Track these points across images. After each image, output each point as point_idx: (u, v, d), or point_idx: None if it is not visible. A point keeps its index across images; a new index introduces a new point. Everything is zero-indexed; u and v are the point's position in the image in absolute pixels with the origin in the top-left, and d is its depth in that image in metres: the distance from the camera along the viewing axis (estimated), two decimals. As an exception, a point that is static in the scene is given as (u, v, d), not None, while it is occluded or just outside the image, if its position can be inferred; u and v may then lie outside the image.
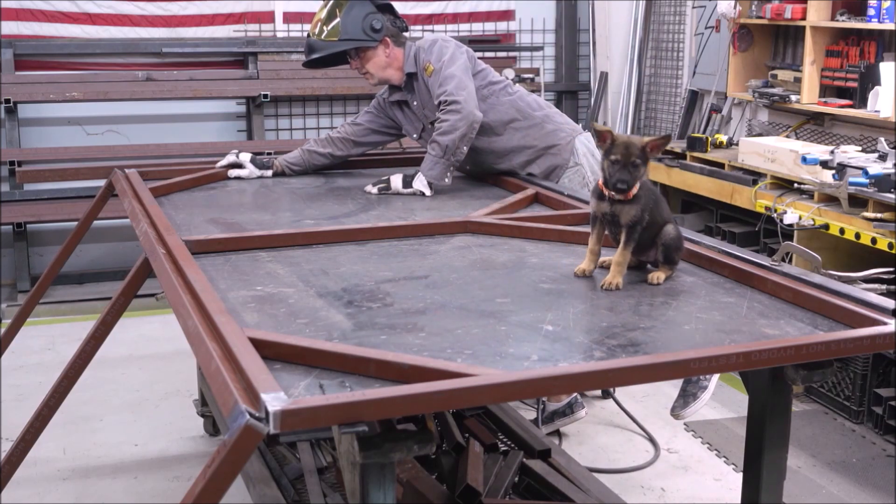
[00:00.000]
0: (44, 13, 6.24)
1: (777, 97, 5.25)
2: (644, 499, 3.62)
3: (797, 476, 3.73)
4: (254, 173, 3.83)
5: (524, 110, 3.78)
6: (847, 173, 4.19)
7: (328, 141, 3.92)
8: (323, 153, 3.90)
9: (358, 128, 3.91)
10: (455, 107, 3.51)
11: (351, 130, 3.91)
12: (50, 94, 6.00)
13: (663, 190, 5.82)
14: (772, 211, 4.57)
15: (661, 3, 6.72)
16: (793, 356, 1.92)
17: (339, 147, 3.91)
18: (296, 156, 3.90)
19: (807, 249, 2.47)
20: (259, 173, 3.83)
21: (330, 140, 3.92)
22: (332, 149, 3.91)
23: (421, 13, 6.93)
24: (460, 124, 3.49)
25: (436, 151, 3.52)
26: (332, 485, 3.14)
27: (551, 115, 3.83)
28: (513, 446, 3.39)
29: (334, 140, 3.91)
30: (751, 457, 2.33)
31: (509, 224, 2.94)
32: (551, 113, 3.85)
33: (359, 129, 3.91)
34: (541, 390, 1.88)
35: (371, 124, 3.91)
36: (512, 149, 3.74)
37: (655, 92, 6.87)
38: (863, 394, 4.17)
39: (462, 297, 2.31)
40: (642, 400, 4.42)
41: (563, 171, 3.76)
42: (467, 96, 3.54)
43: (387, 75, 3.74)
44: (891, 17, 4.54)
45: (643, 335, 2.06)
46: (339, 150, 3.91)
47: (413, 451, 1.72)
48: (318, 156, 3.90)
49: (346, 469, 1.98)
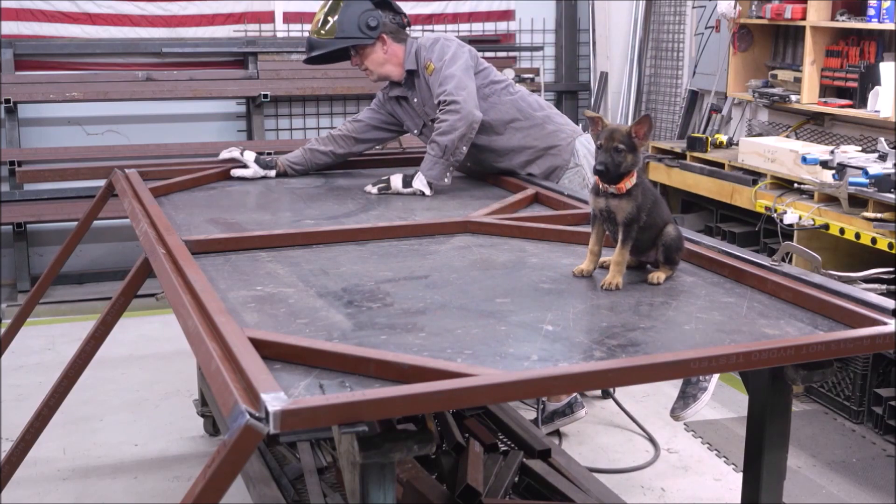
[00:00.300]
0: (44, 13, 6.24)
1: (777, 97, 5.26)
2: (644, 499, 3.62)
3: (797, 476, 3.73)
4: (258, 173, 3.83)
5: (525, 110, 3.78)
6: (847, 173, 4.19)
7: (329, 139, 3.92)
8: (325, 151, 3.90)
9: (359, 124, 3.91)
10: (454, 107, 3.51)
11: (352, 127, 3.91)
12: (50, 94, 6.00)
13: (663, 190, 5.82)
14: (772, 211, 4.57)
15: (661, 3, 6.72)
16: (793, 356, 1.93)
17: (340, 145, 3.91)
18: (298, 155, 3.90)
19: (807, 249, 2.47)
20: (263, 173, 3.83)
21: (331, 138, 3.92)
22: (334, 146, 3.91)
23: (421, 13, 6.93)
24: (459, 124, 3.49)
25: (435, 151, 3.52)
26: (332, 485, 3.14)
27: (552, 116, 3.84)
28: (513, 446, 3.39)
29: (335, 138, 3.91)
30: (751, 457, 2.33)
31: (509, 224, 2.94)
32: (552, 114, 3.85)
33: (360, 125, 3.91)
34: (541, 390, 1.88)
35: (372, 120, 3.91)
36: (512, 148, 3.74)
37: (655, 92, 6.87)
38: (863, 394, 4.17)
39: (462, 297, 2.31)
40: (642, 400, 4.42)
41: (563, 171, 3.77)
42: (467, 96, 3.54)
43: (385, 71, 3.74)
44: (891, 17, 4.54)
45: (643, 335, 2.06)
46: (341, 148, 3.91)
47: (413, 451, 1.72)
48: (320, 154, 3.90)
49: (346, 469, 1.98)
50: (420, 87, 3.72)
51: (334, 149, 3.91)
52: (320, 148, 3.90)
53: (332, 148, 3.90)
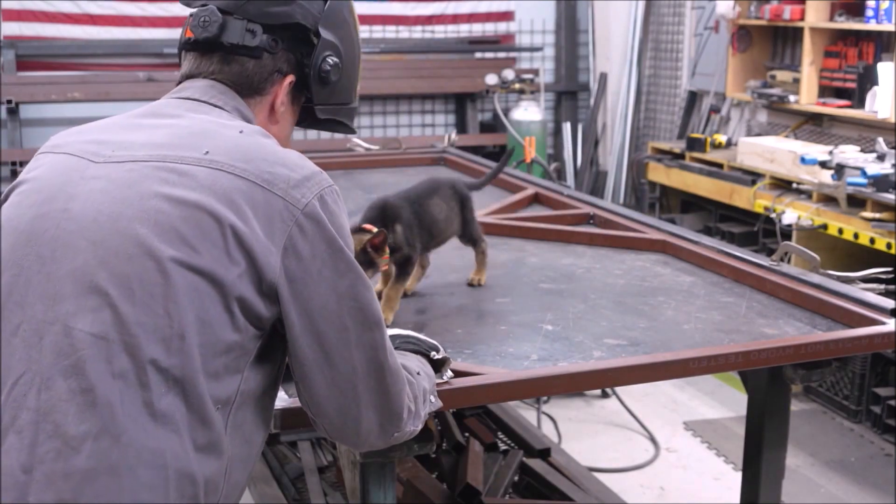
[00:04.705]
0: (45, 14, 6.25)
1: (776, 98, 5.27)
2: (643, 498, 3.63)
3: (796, 475, 3.74)
4: None
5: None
6: (845, 173, 4.20)
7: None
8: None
9: None
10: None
11: None
12: (51, 94, 6.01)
13: (663, 190, 5.83)
14: (770, 211, 4.58)
15: (661, 3, 6.73)
16: (791, 356, 1.94)
17: None
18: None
19: (805, 249, 2.48)
20: None
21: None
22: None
23: (421, 14, 6.94)
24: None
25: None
26: (332, 484, 3.14)
27: None
28: (513, 445, 3.40)
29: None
30: (750, 456, 2.34)
31: (509, 224, 2.95)
32: None
33: None
34: (541, 390, 1.90)
35: None
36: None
37: (655, 92, 6.88)
38: (861, 393, 4.18)
39: (462, 297, 2.33)
40: (642, 399, 4.43)
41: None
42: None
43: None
44: (889, 18, 4.55)
45: (643, 335, 2.07)
46: None
47: (413, 451, 1.72)
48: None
49: (347, 468, 1.99)
50: None
51: None
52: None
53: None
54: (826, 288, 2.28)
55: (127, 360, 1.25)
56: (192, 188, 1.31)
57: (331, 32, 1.54)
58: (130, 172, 1.34)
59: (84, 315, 1.27)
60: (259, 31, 1.47)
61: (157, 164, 1.34)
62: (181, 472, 1.26)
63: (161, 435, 1.25)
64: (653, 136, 6.81)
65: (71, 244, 1.30)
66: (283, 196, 1.33)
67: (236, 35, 1.46)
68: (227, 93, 1.48)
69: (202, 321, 1.28)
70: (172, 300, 1.26)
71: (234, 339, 1.31)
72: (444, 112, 7.15)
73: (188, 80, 1.51)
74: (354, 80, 1.65)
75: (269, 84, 1.50)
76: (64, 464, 1.23)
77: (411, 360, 1.58)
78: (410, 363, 1.55)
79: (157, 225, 1.29)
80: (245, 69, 1.48)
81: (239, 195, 1.32)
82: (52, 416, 1.25)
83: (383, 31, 6.88)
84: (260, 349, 1.35)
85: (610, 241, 2.83)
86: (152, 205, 1.30)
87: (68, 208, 1.33)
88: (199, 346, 1.27)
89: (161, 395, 1.26)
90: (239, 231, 1.30)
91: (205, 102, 1.46)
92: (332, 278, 1.34)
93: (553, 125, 7.36)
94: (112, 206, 1.31)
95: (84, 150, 1.40)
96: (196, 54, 1.51)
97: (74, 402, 1.24)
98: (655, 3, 6.78)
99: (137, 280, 1.27)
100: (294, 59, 1.52)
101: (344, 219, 1.40)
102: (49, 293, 1.29)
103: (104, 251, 1.28)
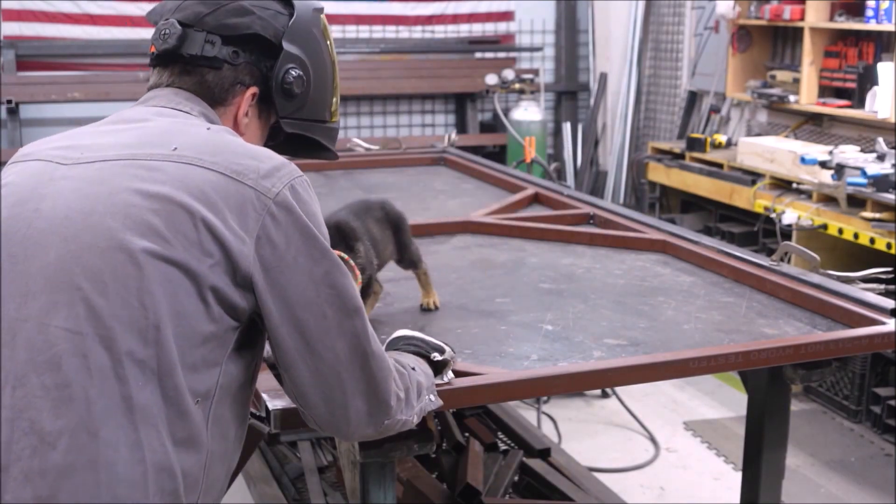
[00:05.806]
0: (45, 14, 6.25)
1: (776, 98, 5.27)
2: (643, 498, 3.63)
3: (796, 475, 3.74)
4: None
5: None
6: (845, 173, 4.20)
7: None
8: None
9: None
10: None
11: None
12: (51, 94, 6.01)
13: (663, 190, 5.83)
14: (770, 211, 4.58)
15: (661, 3, 6.73)
16: (791, 356, 1.94)
17: None
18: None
19: (805, 249, 2.48)
20: None
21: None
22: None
23: (421, 14, 6.94)
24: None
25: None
26: (332, 484, 3.14)
27: None
28: (513, 445, 3.40)
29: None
30: (750, 456, 2.34)
31: (509, 224, 2.95)
32: None
33: None
34: (541, 390, 1.90)
35: None
36: None
37: (655, 92, 6.88)
38: (861, 393, 4.18)
39: (462, 296, 2.33)
40: (642, 399, 4.43)
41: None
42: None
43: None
44: (889, 18, 4.55)
45: (643, 335, 2.07)
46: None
47: (413, 451, 1.73)
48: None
49: (347, 468, 1.99)
50: None
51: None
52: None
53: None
54: (826, 288, 2.28)
55: (103, 353, 1.25)
56: (162, 182, 1.32)
57: (295, 46, 1.54)
58: (101, 171, 1.35)
59: (58, 310, 1.27)
60: (218, 42, 1.48)
61: (127, 161, 1.35)
62: (160, 467, 1.26)
63: (139, 429, 1.25)
64: (653, 136, 6.81)
65: (42, 242, 1.30)
66: (253, 186, 1.34)
67: (195, 46, 1.47)
68: (192, 99, 1.49)
69: (177, 312, 1.28)
70: (146, 291, 1.27)
71: (211, 330, 1.31)
72: (444, 112, 7.15)
73: (153, 90, 1.52)
74: (327, 96, 1.64)
75: (230, 95, 1.51)
76: (40, 460, 1.23)
77: (408, 358, 1.59)
78: (406, 359, 1.56)
79: (128, 218, 1.29)
80: (205, 80, 1.49)
81: (210, 187, 1.33)
82: (27, 412, 1.24)
83: (383, 31, 6.88)
84: (237, 342, 1.36)
85: (610, 241, 2.83)
86: (123, 199, 1.31)
87: (39, 208, 1.33)
88: (176, 336, 1.28)
89: (139, 388, 1.26)
90: (210, 222, 1.30)
91: (171, 108, 1.47)
92: (307, 265, 1.35)
93: (553, 125, 7.36)
94: (83, 202, 1.32)
95: (53, 155, 1.40)
96: (160, 67, 1.52)
97: (49, 397, 1.24)
98: (655, 3, 6.78)
99: (110, 273, 1.27)
100: (259, 72, 1.52)
101: (316, 207, 1.41)
102: (21, 291, 1.29)
103: (76, 246, 1.29)
